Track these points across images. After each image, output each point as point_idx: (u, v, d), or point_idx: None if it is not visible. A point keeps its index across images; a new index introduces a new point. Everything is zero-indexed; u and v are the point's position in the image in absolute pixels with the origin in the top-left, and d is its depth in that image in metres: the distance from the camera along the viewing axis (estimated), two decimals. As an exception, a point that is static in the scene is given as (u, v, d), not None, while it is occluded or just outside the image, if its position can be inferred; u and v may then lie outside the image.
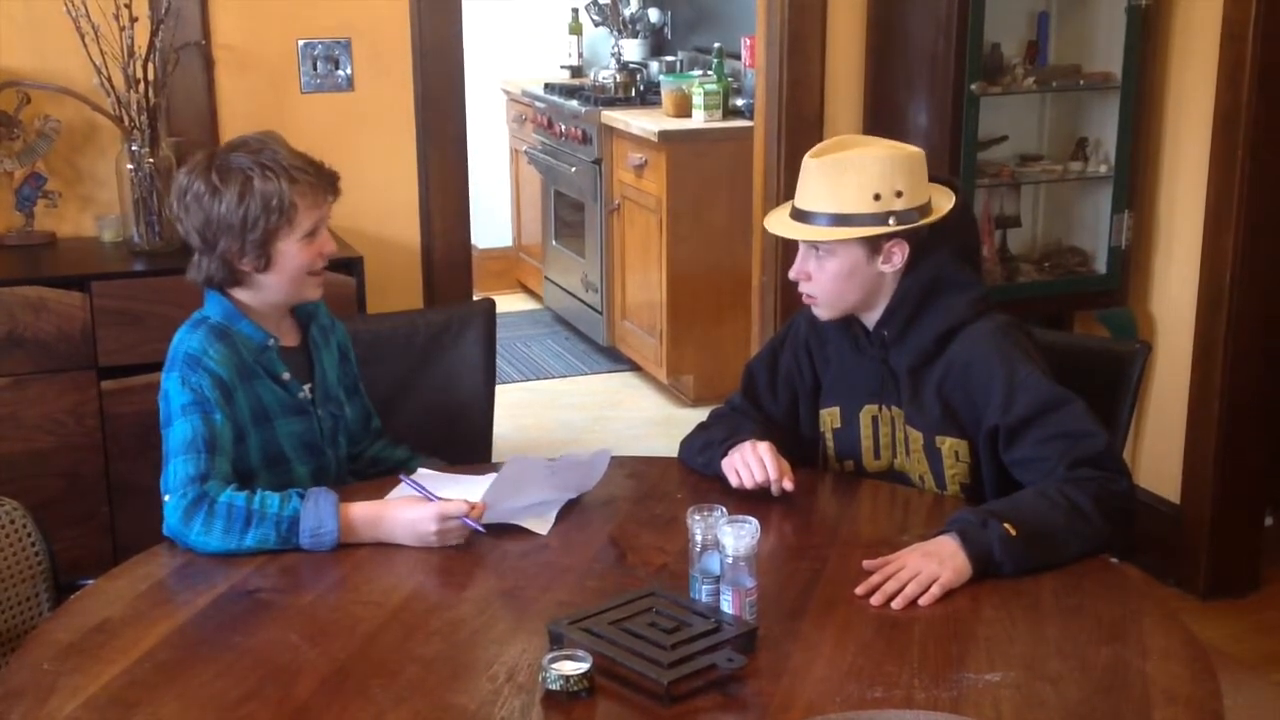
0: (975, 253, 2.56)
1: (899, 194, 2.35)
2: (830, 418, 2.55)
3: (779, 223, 2.44)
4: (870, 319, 2.46)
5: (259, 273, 2.39)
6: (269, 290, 2.42)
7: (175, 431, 2.30)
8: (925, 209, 2.39)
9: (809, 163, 2.39)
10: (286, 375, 2.45)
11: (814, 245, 2.40)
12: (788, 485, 2.37)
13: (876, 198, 2.34)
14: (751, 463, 2.38)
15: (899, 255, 2.38)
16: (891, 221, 2.35)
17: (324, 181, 2.41)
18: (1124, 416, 2.63)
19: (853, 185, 2.34)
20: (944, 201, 2.43)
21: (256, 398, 2.41)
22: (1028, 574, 2.10)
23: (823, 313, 2.47)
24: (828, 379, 2.56)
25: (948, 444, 2.41)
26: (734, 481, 2.39)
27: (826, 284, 2.41)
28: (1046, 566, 2.12)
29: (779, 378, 2.61)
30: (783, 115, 3.99)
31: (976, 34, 3.66)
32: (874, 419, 2.50)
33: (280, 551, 2.21)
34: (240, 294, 2.43)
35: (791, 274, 2.45)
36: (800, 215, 2.40)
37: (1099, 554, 2.20)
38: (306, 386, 2.50)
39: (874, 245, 2.37)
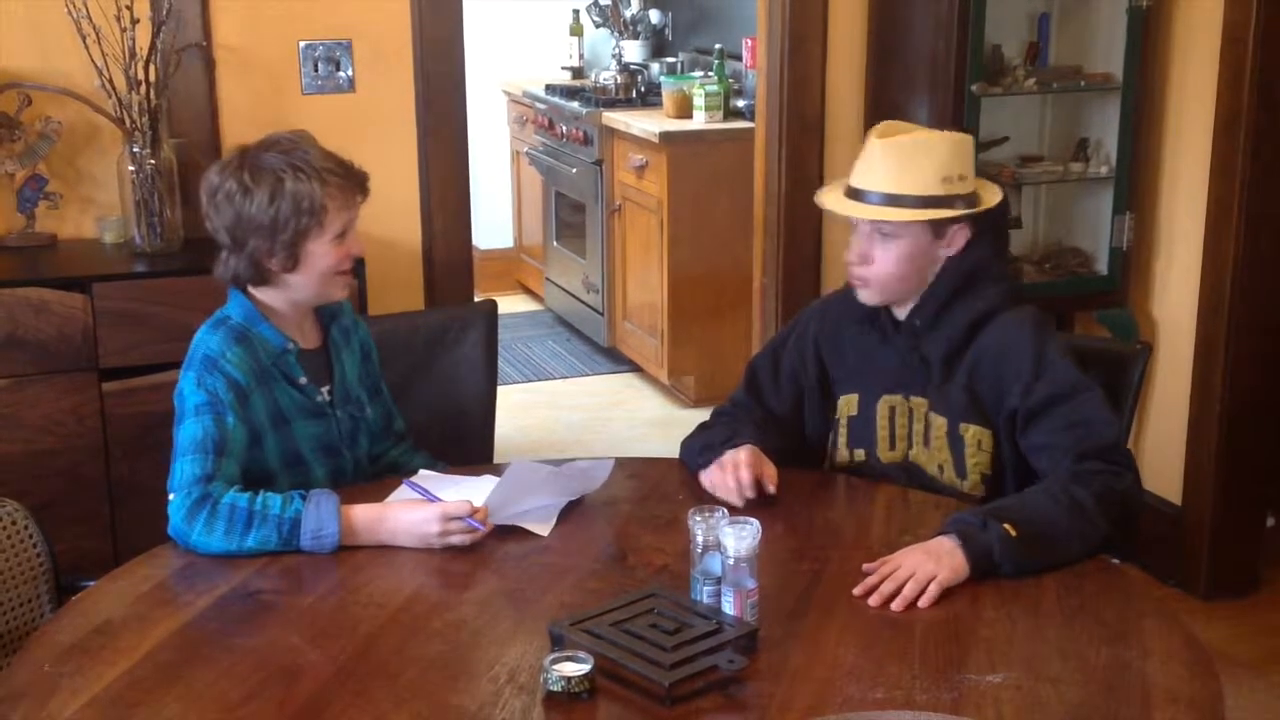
0: (1006, 247, 2.58)
1: (962, 178, 2.38)
2: (847, 405, 2.54)
3: (845, 204, 2.42)
4: (902, 308, 2.46)
5: (286, 272, 2.39)
6: (295, 289, 2.42)
7: (185, 431, 2.30)
8: (980, 195, 2.43)
9: (878, 143, 2.39)
10: (304, 380, 2.45)
11: (879, 227, 2.39)
12: (770, 488, 2.36)
13: (945, 180, 2.36)
14: (729, 478, 2.37)
15: (961, 238, 2.41)
16: (959, 204, 2.37)
17: (354, 183, 2.41)
18: (1125, 418, 2.63)
19: (925, 168, 2.35)
20: (991, 192, 2.47)
21: (274, 401, 2.41)
22: (1029, 575, 2.10)
23: (872, 297, 2.45)
24: (843, 370, 2.55)
25: (971, 432, 2.41)
26: (733, 498, 2.38)
27: (889, 267, 2.41)
28: (1048, 566, 2.13)
29: (783, 374, 2.61)
30: (784, 116, 3.99)
31: (977, 35, 3.66)
32: (892, 409, 2.49)
33: (282, 553, 2.21)
34: (265, 293, 2.43)
35: (852, 256, 2.44)
36: (862, 195, 2.39)
37: (1102, 551, 2.20)
38: (325, 389, 2.50)
39: (938, 228, 2.39)
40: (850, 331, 2.54)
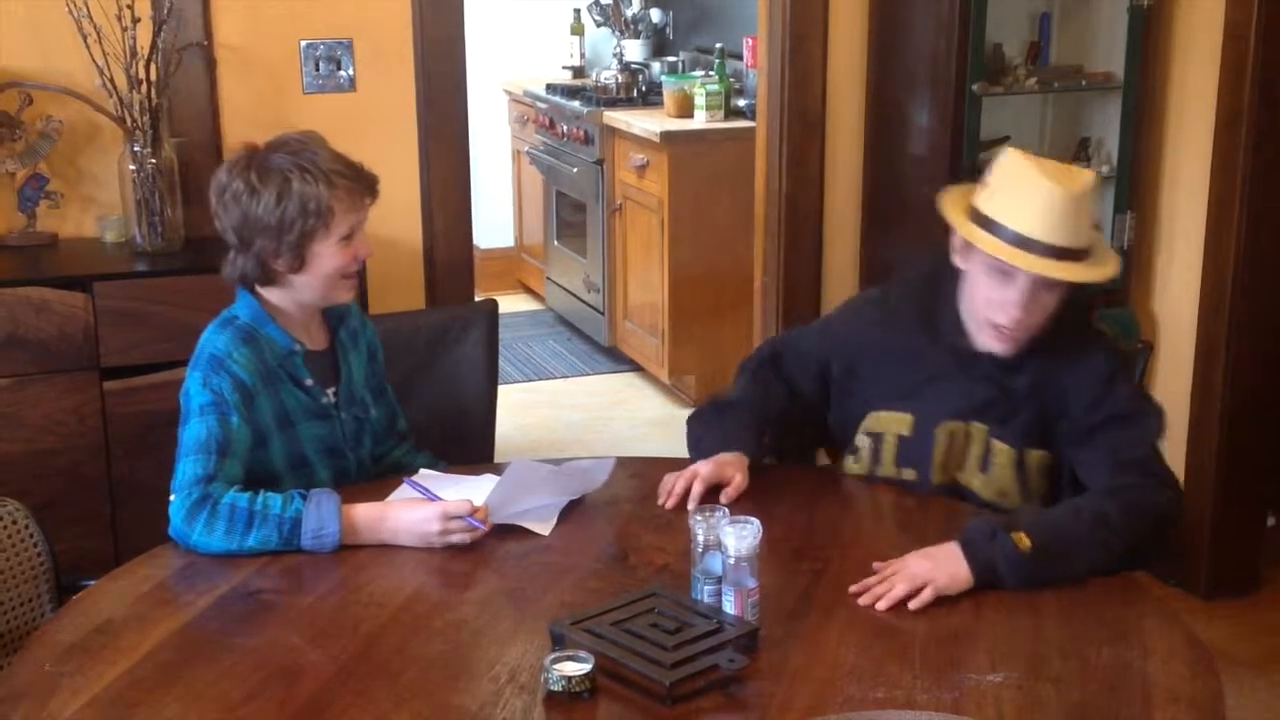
0: None
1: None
2: (898, 423, 2.45)
3: (1059, 267, 2.24)
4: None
5: (293, 273, 2.39)
6: (301, 290, 2.42)
7: (190, 431, 2.30)
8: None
9: (1055, 191, 2.23)
10: (310, 381, 2.45)
11: (1047, 281, 2.26)
12: (722, 499, 2.33)
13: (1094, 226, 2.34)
14: (679, 483, 2.36)
15: None
16: (1108, 246, 2.36)
17: (362, 185, 2.41)
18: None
19: (1087, 217, 2.29)
20: None
21: (280, 402, 2.41)
22: (1037, 588, 2.07)
23: (1014, 347, 2.33)
24: (882, 384, 2.45)
25: (1034, 457, 2.38)
26: (660, 499, 2.38)
27: (1039, 318, 2.31)
28: (1063, 579, 2.09)
29: (815, 359, 2.54)
30: (784, 115, 3.98)
31: (978, 34, 3.66)
32: (951, 434, 2.41)
33: (282, 552, 2.21)
34: (272, 294, 2.43)
35: (1013, 311, 2.27)
36: (1054, 251, 2.23)
37: (1129, 568, 2.17)
38: (330, 391, 2.50)
39: None
40: (911, 352, 2.44)
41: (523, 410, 5.31)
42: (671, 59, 6.18)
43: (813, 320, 3.13)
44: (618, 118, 5.52)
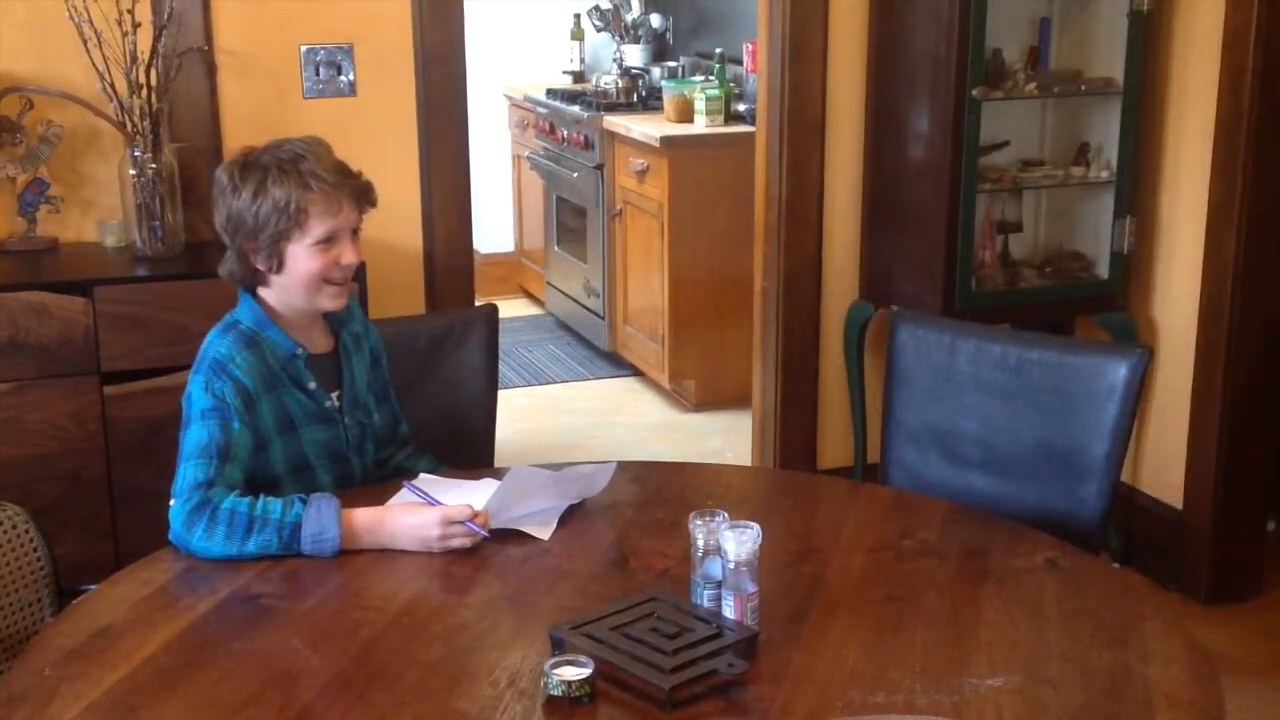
0: None
1: None
2: None
3: None
4: None
5: (273, 273, 2.40)
6: (285, 293, 2.42)
7: (191, 435, 2.30)
8: None
9: None
10: (313, 385, 2.45)
11: None
12: None
13: None
14: None
15: None
16: None
17: (346, 192, 2.39)
18: (1125, 422, 2.63)
19: None
20: None
21: (282, 406, 2.41)
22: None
23: None
24: None
25: None
26: None
27: None
28: None
29: None
30: (784, 120, 3.99)
31: (978, 39, 3.66)
32: None
33: (282, 557, 2.21)
34: (267, 296, 2.44)
35: None
36: None
37: None
38: (334, 395, 2.50)
39: None
40: None
41: (523, 415, 5.31)
42: (671, 64, 6.19)
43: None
44: (618, 123, 5.52)
